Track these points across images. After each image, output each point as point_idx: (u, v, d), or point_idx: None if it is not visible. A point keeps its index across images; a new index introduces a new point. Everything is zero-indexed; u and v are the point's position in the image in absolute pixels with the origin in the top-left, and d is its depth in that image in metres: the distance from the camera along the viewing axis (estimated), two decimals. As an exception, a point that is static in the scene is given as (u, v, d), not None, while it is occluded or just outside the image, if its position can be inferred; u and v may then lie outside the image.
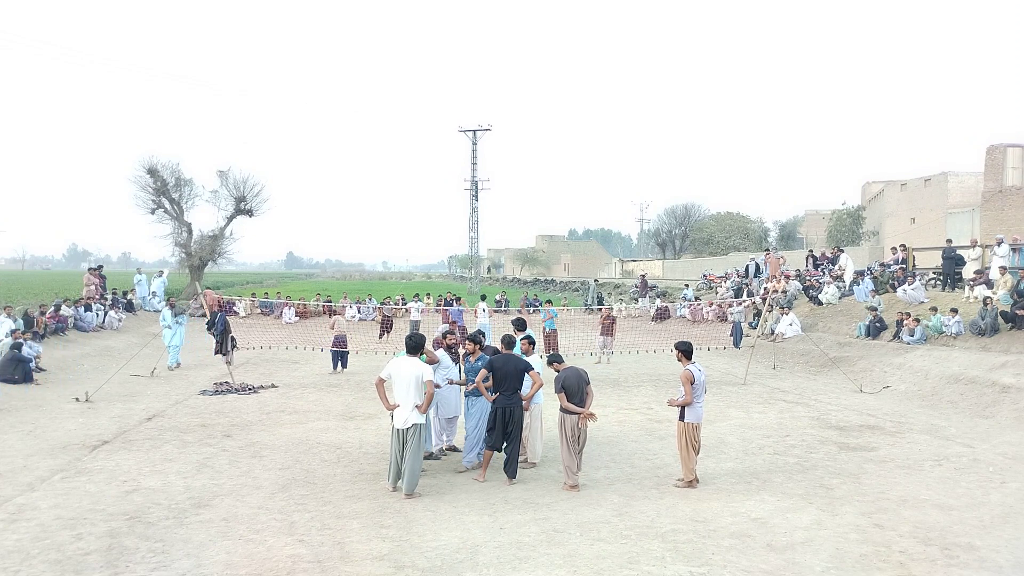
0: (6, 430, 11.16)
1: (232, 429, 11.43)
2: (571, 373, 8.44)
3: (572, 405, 8.31)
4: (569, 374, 8.43)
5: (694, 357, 8.66)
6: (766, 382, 16.75)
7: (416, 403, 7.94)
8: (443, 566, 6.14)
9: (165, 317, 18.41)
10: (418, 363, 8.09)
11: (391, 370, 8.10)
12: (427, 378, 7.98)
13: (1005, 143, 29.08)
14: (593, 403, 8.56)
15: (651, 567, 6.13)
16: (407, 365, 8.02)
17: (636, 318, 32.10)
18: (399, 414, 7.98)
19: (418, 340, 8.32)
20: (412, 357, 8.14)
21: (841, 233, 45.77)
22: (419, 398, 7.95)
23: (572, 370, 8.49)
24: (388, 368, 8.16)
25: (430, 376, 8.03)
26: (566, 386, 8.35)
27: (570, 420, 8.33)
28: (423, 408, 7.99)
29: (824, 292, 23.70)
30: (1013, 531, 7.02)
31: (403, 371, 7.99)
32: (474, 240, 63.10)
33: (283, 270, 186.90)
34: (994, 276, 18.02)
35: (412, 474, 8.00)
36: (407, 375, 7.96)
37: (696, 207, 74.20)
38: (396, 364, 8.14)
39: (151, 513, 7.38)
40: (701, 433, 8.59)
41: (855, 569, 6.13)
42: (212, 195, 40.17)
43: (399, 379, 7.99)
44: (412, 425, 7.95)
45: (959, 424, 12.10)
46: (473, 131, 60.95)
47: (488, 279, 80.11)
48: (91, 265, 30.47)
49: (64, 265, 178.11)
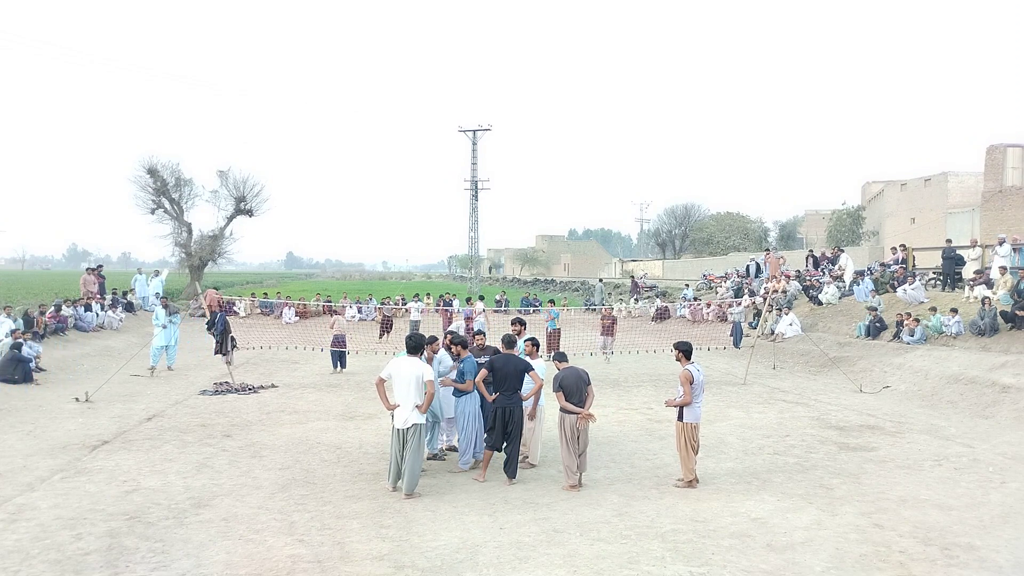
0: (6, 430, 11.15)
1: (232, 429, 11.43)
2: (570, 373, 8.43)
3: (570, 405, 8.30)
4: (568, 374, 8.41)
5: (693, 357, 8.66)
6: (766, 382, 16.76)
7: (416, 403, 7.92)
8: (443, 566, 6.14)
9: (159, 316, 17.88)
10: (418, 363, 8.07)
11: (391, 370, 8.09)
12: (427, 378, 7.96)
13: (1005, 143, 29.08)
14: (593, 403, 8.55)
15: (651, 567, 6.13)
16: (407, 365, 8.00)
17: (636, 318, 32.11)
18: (399, 414, 7.97)
19: (418, 340, 8.31)
20: (412, 357, 8.11)
21: (841, 233, 45.78)
22: (419, 398, 7.93)
23: (572, 370, 8.47)
24: (388, 368, 8.15)
25: (430, 376, 8.01)
26: (564, 385, 8.34)
27: (569, 420, 8.33)
28: (423, 408, 7.97)
29: (824, 292, 23.70)
30: (1013, 531, 7.02)
31: (403, 371, 7.98)
32: (474, 240, 63.08)
33: (283, 270, 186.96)
34: (995, 276, 18.03)
35: (412, 474, 8.00)
36: (407, 375, 7.95)
37: (696, 207, 74.30)
38: (396, 364, 8.12)
39: (151, 513, 7.38)
40: (700, 433, 8.58)
41: (855, 569, 6.13)
42: (212, 195, 40.24)
43: (399, 379, 7.98)
44: (412, 425, 7.94)
45: (959, 424, 12.10)
46: (473, 131, 60.90)
47: (488, 279, 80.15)
48: (90, 265, 30.41)
49: (64, 265, 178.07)
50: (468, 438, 9.21)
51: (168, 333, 17.78)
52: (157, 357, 17.50)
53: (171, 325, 17.87)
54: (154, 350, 17.53)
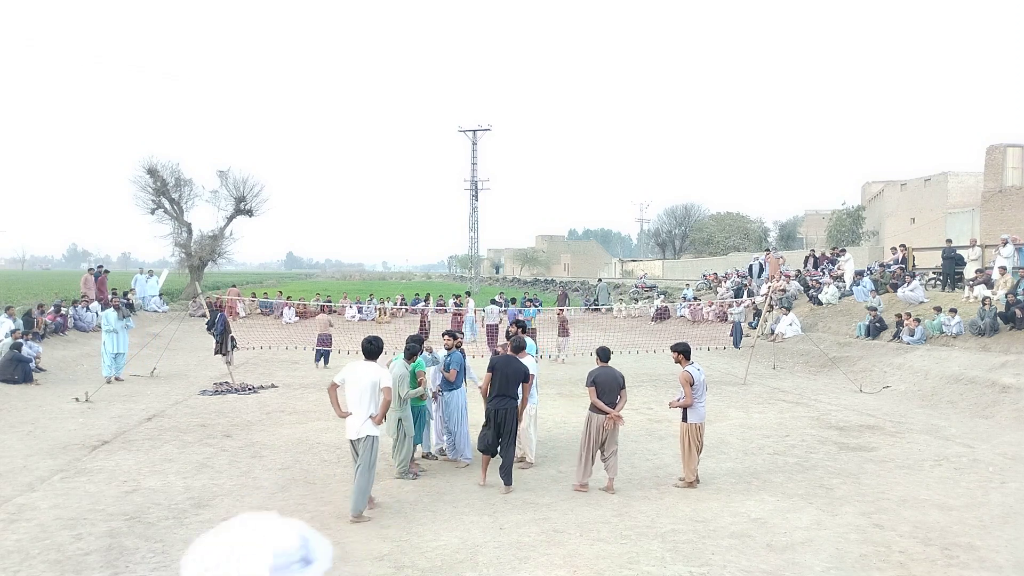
0: (6, 430, 11.15)
1: (232, 429, 11.43)
2: (605, 372, 8.21)
3: (601, 403, 8.08)
4: (603, 372, 8.21)
5: (693, 357, 8.63)
6: (766, 382, 16.75)
7: (371, 413, 7.21)
8: (443, 566, 6.14)
9: (108, 320, 15.80)
10: (375, 368, 7.36)
11: (346, 374, 7.38)
12: (384, 384, 7.26)
13: (1005, 143, 29.07)
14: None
15: (651, 567, 6.13)
16: (363, 370, 7.32)
17: (636, 318, 32.11)
18: (352, 423, 7.24)
19: (376, 344, 7.54)
20: (369, 361, 7.42)
21: (841, 233, 45.74)
22: (375, 407, 7.22)
23: (608, 369, 8.25)
24: (343, 372, 7.46)
25: (388, 383, 7.32)
26: (598, 382, 8.12)
27: (596, 419, 8.11)
28: (377, 419, 7.23)
29: (824, 292, 23.70)
30: (1013, 531, 7.01)
31: (359, 376, 7.27)
32: (474, 240, 63.10)
33: (283, 270, 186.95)
34: (995, 276, 18.02)
35: (360, 493, 7.20)
36: (363, 381, 7.22)
37: (696, 207, 74.26)
38: (352, 368, 7.42)
39: (151, 513, 7.38)
40: (704, 433, 8.53)
41: (855, 569, 6.13)
42: (212, 195, 40.11)
43: (353, 385, 7.26)
44: (365, 436, 7.19)
45: (959, 424, 12.09)
46: (473, 131, 60.95)
47: (489, 279, 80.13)
48: (91, 266, 30.36)
49: (64, 265, 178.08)
50: (460, 432, 9.35)
51: (119, 339, 15.85)
52: (109, 366, 15.69)
53: (122, 331, 15.98)
54: (118, 356, 15.82)
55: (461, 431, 9.44)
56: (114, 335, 15.77)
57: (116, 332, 15.80)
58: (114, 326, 15.79)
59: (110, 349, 15.70)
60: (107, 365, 15.72)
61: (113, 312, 16.10)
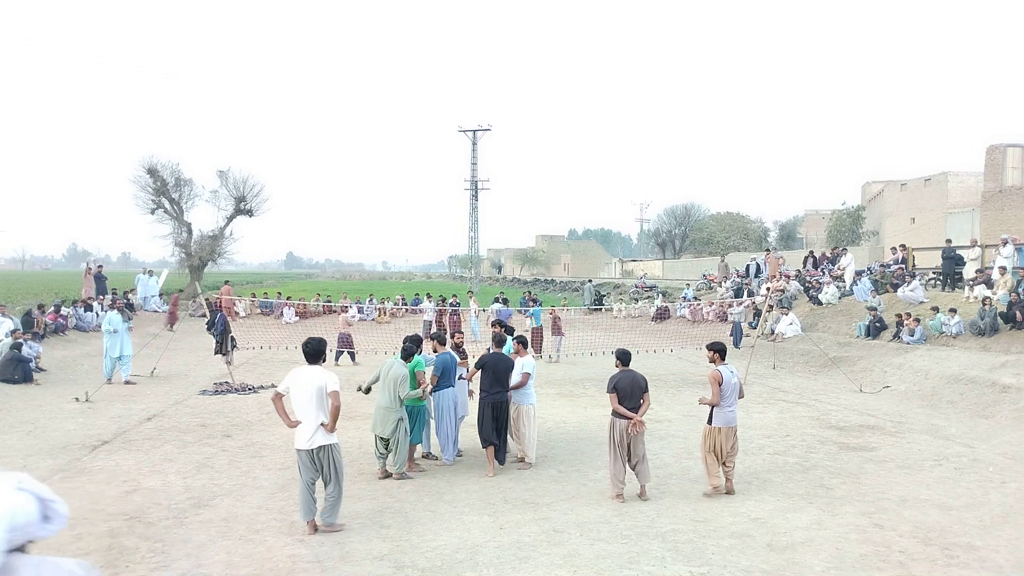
0: (6, 430, 11.15)
1: (232, 429, 11.43)
2: (626, 376, 8.06)
3: (622, 408, 7.92)
4: (624, 376, 8.05)
5: (693, 357, 8.61)
6: (766, 382, 16.75)
7: (322, 420, 6.79)
8: (443, 566, 6.14)
9: (111, 321, 15.51)
10: (320, 372, 6.89)
11: (289, 381, 6.92)
12: (331, 389, 6.76)
13: (1005, 143, 29.08)
14: (593, 403, 8.53)
15: (651, 567, 6.13)
16: (307, 375, 6.86)
17: (636, 318, 32.13)
18: (302, 432, 6.83)
19: (316, 346, 7.03)
20: (314, 365, 6.96)
21: (841, 233, 45.75)
22: (324, 414, 6.79)
23: (628, 373, 8.10)
24: (286, 380, 6.98)
25: (335, 387, 6.79)
26: (619, 387, 7.97)
27: (619, 425, 7.96)
28: (330, 427, 6.80)
29: (824, 292, 23.70)
30: (1013, 531, 7.01)
31: (301, 382, 6.83)
32: (474, 240, 63.10)
33: (283, 270, 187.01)
34: (996, 276, 18.02)
35: (335, 501, 6.99)
36: (307, 386, 6.78)
37: (696, 207, 74.34)
38: (295, 374, 6.95)
39: (151, 513, 7.38)
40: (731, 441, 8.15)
41: (855, 569, 6.13)
42: (212, 195, 40.13)
43: (298, 391, 6.81)
44: (321, 447, 6.82)
45: (959, 424, 12.09)
46: (473, 131, 60.95)
47: (489, 279, 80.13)
48: (90, 264, 30.33)
49: (64, 265, 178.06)
50: (447, 433, 9.42)
51: (122, 342, 15.61)
52: (110, 369, 15.57)
53: (125, 333, 15.77)
54: (108, 360, 15.56)
55: (443, 431, 9.43)
56: (115, 337, 15.54)
57: (117, 334, 15.57)
58: (118, 327, 15.53)
59: (113, 353, 15.47)
60: (109, 368, 15.54)
61: (117, 314, 15.89)
